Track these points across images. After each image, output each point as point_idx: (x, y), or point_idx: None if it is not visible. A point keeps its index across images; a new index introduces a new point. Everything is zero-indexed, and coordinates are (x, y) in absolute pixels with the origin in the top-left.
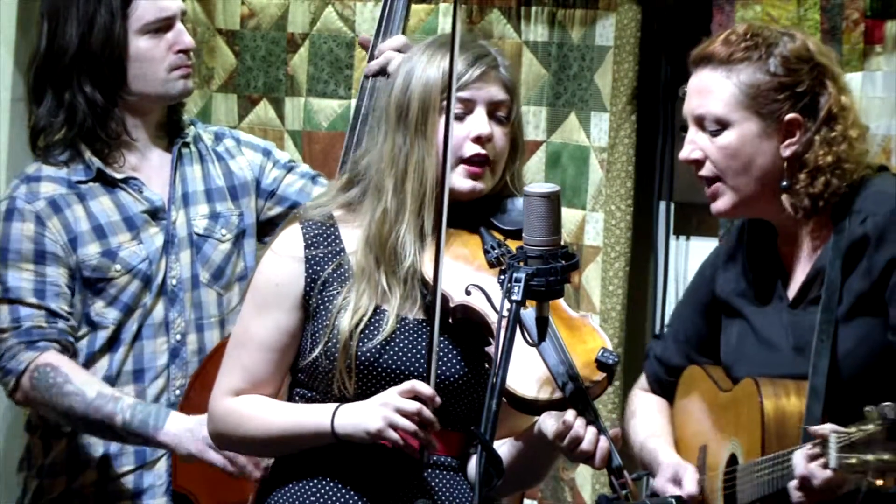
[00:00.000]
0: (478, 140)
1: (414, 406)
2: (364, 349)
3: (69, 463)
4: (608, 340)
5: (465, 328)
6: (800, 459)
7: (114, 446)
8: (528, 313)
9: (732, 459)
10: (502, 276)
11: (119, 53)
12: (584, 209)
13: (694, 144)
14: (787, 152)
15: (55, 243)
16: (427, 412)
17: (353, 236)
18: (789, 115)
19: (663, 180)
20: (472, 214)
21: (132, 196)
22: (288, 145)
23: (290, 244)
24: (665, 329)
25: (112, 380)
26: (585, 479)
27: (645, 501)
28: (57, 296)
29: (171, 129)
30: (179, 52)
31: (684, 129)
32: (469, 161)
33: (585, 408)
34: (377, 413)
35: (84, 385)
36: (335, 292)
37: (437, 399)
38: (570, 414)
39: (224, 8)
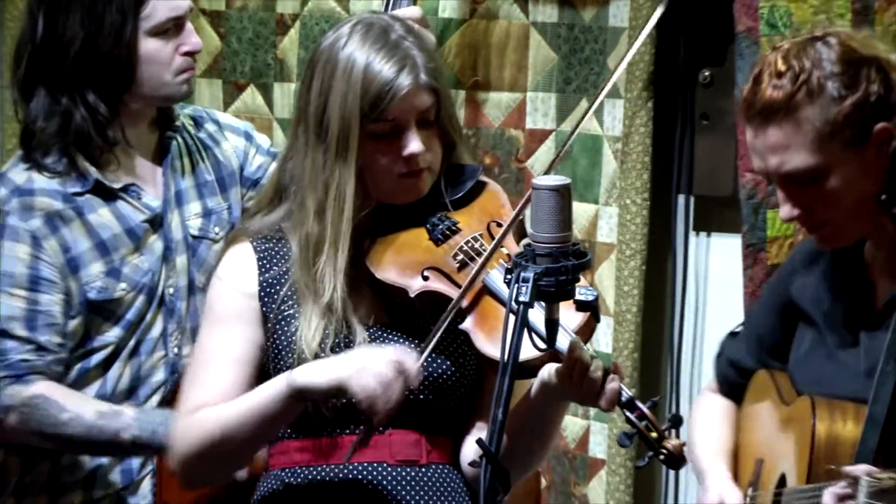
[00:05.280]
0: (410, 158)
1: (391, 370)
2: None
3: (51, 483)
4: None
5: (434, 312)
6: (829, 498)
7: (99, 468)
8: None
9: (783, 480)
10: (508, 276)
11: (128, 56)
12: (597, 203)
13: (793, 201)
14: (886, 163)
15: (51, 267)
16: (397, 386)
17: None
18: (877, 127)
19: (682, 172)
20: (418, 207)
21: (131, 205)
22: (276, 133)
23: (242, 266)
24: (739, 327)
25: (106, 398)
26: (598, 493)
27: None
28: (48, 327)
29: (161, 123)
30: (186, 53)
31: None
32: (405, 175)
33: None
34: (351, 362)
35: (80, 408)
36: (292, 312)
37: (417, 380)
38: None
39: None
